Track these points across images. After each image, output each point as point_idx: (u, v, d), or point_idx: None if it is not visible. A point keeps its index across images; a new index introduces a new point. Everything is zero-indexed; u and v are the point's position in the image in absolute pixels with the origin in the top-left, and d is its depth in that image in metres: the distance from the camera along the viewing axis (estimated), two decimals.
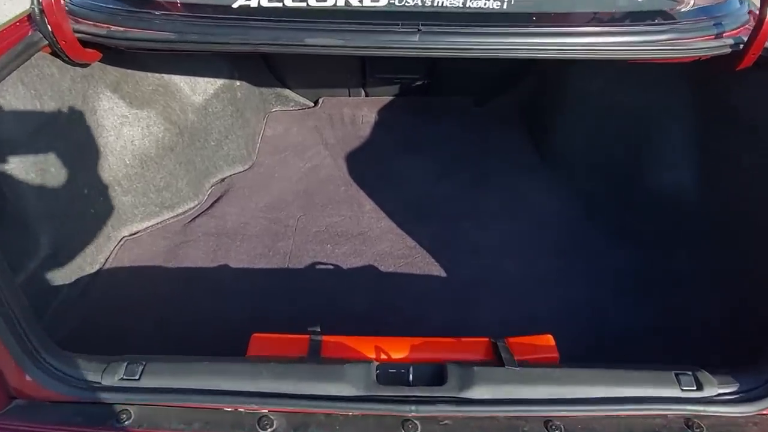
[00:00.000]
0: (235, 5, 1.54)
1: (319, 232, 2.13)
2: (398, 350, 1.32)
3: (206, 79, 2.23)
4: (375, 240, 2.10)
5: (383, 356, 1.30)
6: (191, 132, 2.16)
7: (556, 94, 2.45)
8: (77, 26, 1.57)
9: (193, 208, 2.22)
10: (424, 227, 2.15)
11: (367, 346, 1.32)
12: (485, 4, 1.51)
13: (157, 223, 2.13)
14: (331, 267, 1.99)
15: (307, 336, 1.33)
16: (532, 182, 2.39)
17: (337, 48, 1.55)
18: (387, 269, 1.99)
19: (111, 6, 1.59)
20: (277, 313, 1.81)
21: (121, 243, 2.03)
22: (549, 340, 1.35)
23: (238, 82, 2.36)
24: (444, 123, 2.73)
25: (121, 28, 1.56)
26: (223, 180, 2.38)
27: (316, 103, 2.86)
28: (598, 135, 2.26)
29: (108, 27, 1.57)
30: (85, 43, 1.63)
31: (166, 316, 1.79)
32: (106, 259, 1.96)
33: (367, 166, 2.47)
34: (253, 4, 1.53)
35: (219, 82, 2.27)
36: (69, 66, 1.73)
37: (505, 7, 1.51)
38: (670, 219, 2.05)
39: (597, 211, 2.22)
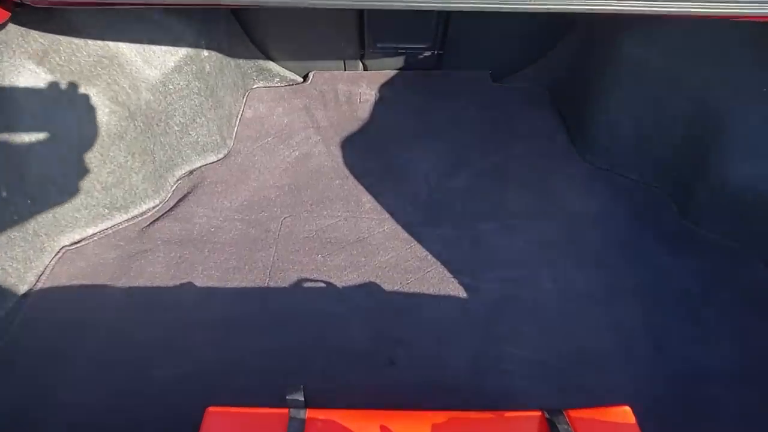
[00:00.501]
0: None
1: (307, 239, 1.75)
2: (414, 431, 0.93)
3: (164, 48, 1.79)
4: (376, 248, 1.73)
5: None
6: (146, 115, 1.74)
7: (598, 67, 2.02)
8: None
9: (153, 208, 1.83)
10: (437, 231, 1.81)
11: (368, 426, 0.94)
12: None
13: (107, 229, 1.74)
14: (323, 285, 1.62)
15: (286, 410, 0.96)
16: (567, 175, 2.03)
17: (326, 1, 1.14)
18: (392, 287, 1.62)
19: None
20: (251, 349, 1.46)
21: (60, 255, 1.65)
22: (627, 415, 0.96)
23: (206, 52, 1.91)
24: (458, 102, 2.36)
25: None
26: (191, 173, 1.98)
27: (305, 78, 2.49)
28: (653, 117, 1.87)
29: None
30: None
31: (110, 354, 1.43)
32: (38, 277, 1.58)
33: (366, 154, 2.10)
34: None
35: (181, 51, 1.82)
36: None
37: None
38: (743, 222, 1.70)
39: (648, 212, 1.89)
